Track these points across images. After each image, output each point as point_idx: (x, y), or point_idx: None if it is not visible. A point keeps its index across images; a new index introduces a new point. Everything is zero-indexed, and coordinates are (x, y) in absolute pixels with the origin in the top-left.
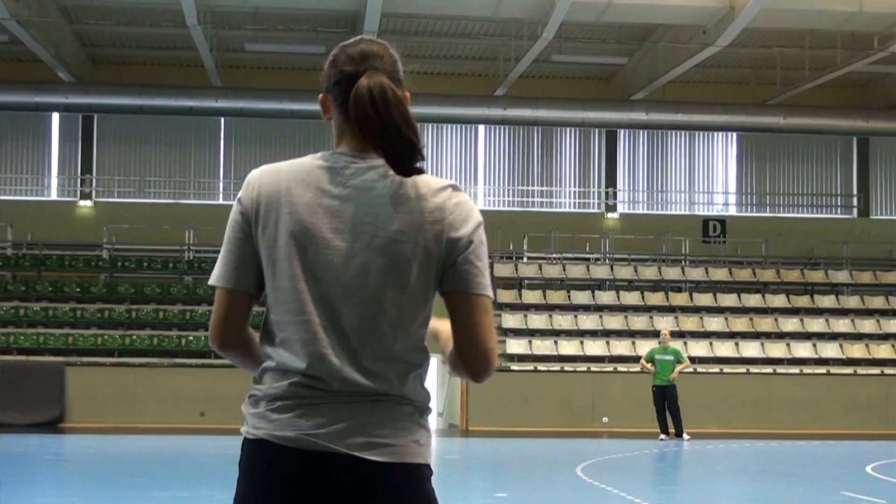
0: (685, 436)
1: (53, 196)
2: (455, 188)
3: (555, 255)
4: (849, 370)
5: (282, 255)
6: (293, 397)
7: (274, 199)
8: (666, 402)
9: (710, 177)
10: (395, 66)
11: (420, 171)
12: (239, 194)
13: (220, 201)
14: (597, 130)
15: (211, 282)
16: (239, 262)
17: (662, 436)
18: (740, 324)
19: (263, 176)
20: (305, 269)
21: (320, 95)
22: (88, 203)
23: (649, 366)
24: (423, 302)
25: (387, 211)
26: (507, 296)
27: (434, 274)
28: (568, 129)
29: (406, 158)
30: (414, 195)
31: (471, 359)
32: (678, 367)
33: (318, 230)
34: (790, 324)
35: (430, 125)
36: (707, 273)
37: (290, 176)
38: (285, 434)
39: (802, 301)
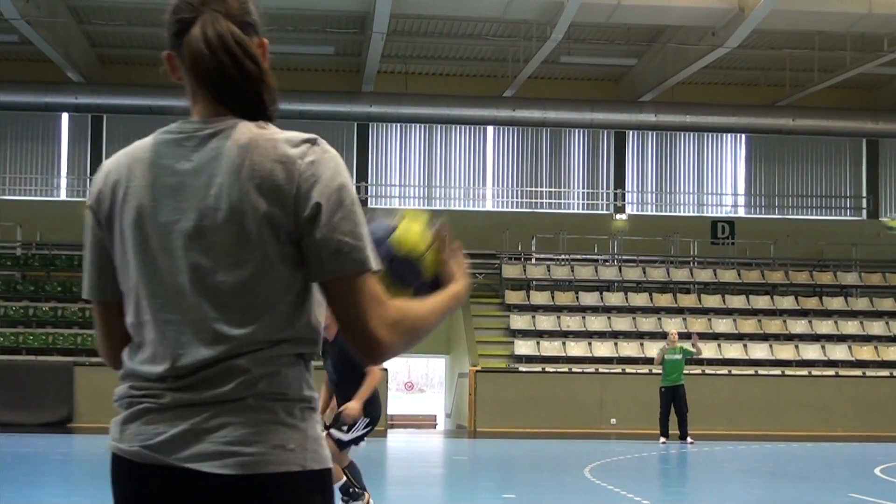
0: (689, 439)
1: (63, 196)
2: (313, 143)
3: (563, 257)
4: (858, 372)
5: (129, 251)
6: (136, 404)
7: (116, 190)
8: (675, 402)
9: (718, 178)
10: (244, 7)
11: (269, 117)
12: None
13: None
14: (605, 132)
15: (84, 295)
16: (97, 268)
17: (663, 439)
18: (749, 325)
19: (107, 166)
20: (148, 262)
21: (165, 53)
22: None
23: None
24: (285, 278)
25: (230, 180)
26: (515, 297)
27: (290, 247)
28: (577, 131)
29: (252, 99)
30: (260, 158)
31: (353, 342)
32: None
33: (159, 214)
34: (799, 325)
35: (439, 126)
36: (715, 274)
37: (131, 159)
38: (130, 448)
39: (811, 303)
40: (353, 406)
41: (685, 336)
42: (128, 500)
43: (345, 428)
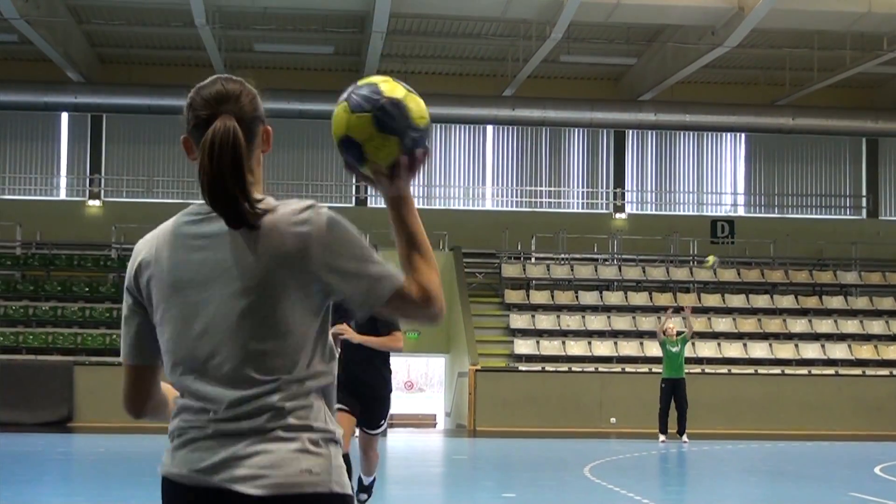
0: (684, 437)
1: (62, 196)
2: (307, 209)
3: (563, 256)
4: (857, 371)
5: (161, 318)
6: (185, 434)
7: (150, 267)
8: (675, 396)
9: (718, 177)
10: (254, 103)
11: (252, 226)
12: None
13: None
14: (605, 131)
15: (121, 358)
16: (134, 337)
17: (663, 437)
18: (748, 324)
19: (142, 245)
20: (176, 328)
21: (182, 137)
22: (97, 203)
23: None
24: (302, 332)
25: (240, 255)
26: (514, 296)
27: (314, 298)
28: (576, 130)
29: (226, 211)
30: (268, 231)
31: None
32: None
33: (183, 288)
34: (799, 324)
35: (439, 125)
36: (715, 274)
37: (160, 240)
38: (179, 472)
39: (811, 302)
40: (354, 335)
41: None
42: None
43: (382, 422)
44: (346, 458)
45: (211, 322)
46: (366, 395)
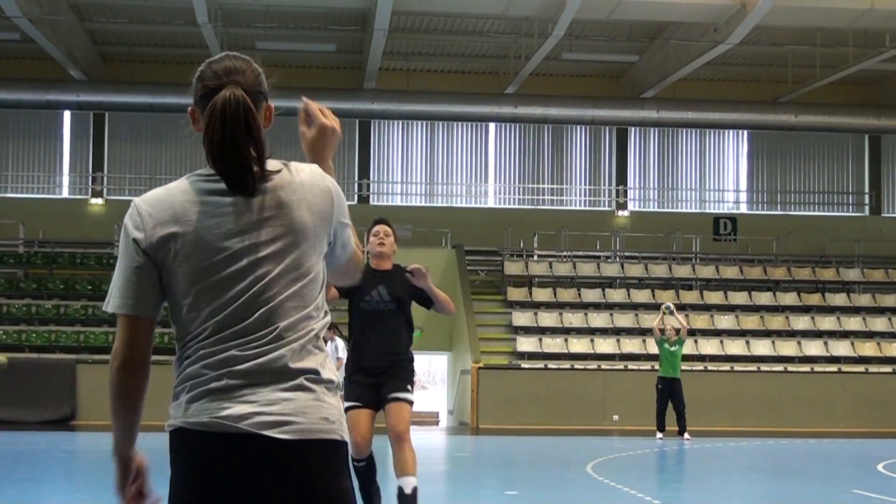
0: (686, 435)
1: (65, 194)
2: (318, 170)
3: (565, 253)
4: (860, 368)
5: (190, 270)
6: (201, 386)
7: (170, 227)
8: (672, 397)
9: (720, 175)
10: (258, 80)
11: (251, 190)
12: (127, 223)
13: None
14: (607, 128)
15: (111, 309)
16: (141, 289)
17: (660, 435)
18: (751, 322)
19: (150, 205)
20: (211, 280)
21: (189, 108)
22: (100, 201)
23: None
24: (322, 278)
25: (278, 212)
26: (517, 294)
27: (325, 247)
28: (578, 127)
29: (235, 176)
30: (299, 188)
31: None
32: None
33: (215, 243)
34: (801, 322)
35: (441, 123)
36: (718, 271)
37: (182, 198)
38: (198, 420)
39: (814, 299)
40: (428, 279)
41: (687, 332)
42: (195, 467)
43: (409, 386)
44: (371, 459)
45: (253, 279)
46: (383, 370)
